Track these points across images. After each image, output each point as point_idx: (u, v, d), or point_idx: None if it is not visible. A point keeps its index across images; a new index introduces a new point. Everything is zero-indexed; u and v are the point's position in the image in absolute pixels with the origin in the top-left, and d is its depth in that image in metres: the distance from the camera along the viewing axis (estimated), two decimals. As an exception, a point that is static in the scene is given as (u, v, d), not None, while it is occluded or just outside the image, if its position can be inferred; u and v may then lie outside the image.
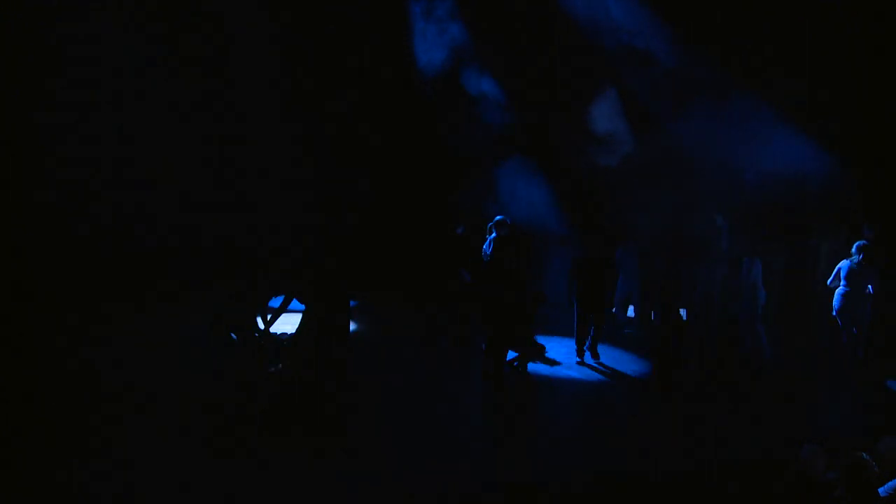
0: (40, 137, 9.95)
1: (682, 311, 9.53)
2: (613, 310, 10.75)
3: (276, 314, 8.51)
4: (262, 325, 9.02)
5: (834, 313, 9.15)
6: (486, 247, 9.45)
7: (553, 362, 9.40)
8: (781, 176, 10.16)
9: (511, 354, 8.66)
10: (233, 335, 8.34)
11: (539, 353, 9.46)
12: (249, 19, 11.16)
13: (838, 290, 9.06)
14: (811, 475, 5.01)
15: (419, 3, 12.01)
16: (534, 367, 9.15)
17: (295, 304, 9.22)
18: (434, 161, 12.15)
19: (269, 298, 8.82)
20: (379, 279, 11.04)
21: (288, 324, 8.92)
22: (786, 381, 8.85)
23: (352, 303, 7.93)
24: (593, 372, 9.18)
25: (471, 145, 11.55)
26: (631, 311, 11.12)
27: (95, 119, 10.21)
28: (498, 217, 9.49)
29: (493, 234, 9.39)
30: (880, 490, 4.81)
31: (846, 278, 8.98)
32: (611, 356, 9.57)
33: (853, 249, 8.97)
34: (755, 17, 10.71)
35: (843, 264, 9.04)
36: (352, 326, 9.47)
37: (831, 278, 9.18)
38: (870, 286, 8.91)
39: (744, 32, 10.71)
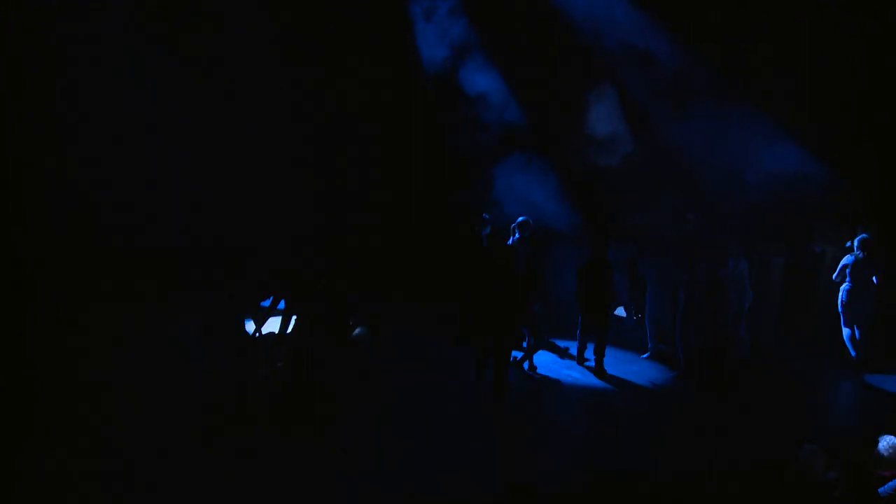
0: (40, 137, 9.95)
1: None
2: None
3: (269, 313, 8.49)
4: (256, 326, 9.01)
5: (839, 309, 9.16)
6: None
7: (572, 357, 9.48)
8: (781, 176, 10.15)
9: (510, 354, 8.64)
10: (230, 335, 8.32)
11: (544, 346, 9.47)
12: (249, 19, 11.15)
13: (843, 286, 9.10)
14: (811, 475, 5.01)
15: (419, 3, 12.00)
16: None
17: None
18: (435, 161, 12.13)
19: (265, 299, 8.80)
20: (378, 279, 11.02)
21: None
22: (786, 382, 8.85)
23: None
24: (594, 372, 9.17)
25: (472, 145, 11.53)
26: (621, 311, 11.14)
27: (95, 119, 10.21)
28: (521, 218, 9.48)
29: (517, 235, 9.39)
30: (880, 490, 4.82)
31: (850, 274, 9.00)
32: (612, 356, 9.54)
33: (855, 244, 8.99)
34: (753, 17, 10.69)
35: (848, 259, 9.08)
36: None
37: (836, 273, 9.20)
38: (874, 278, 8.93)
39: (742, 32, 10.70)
